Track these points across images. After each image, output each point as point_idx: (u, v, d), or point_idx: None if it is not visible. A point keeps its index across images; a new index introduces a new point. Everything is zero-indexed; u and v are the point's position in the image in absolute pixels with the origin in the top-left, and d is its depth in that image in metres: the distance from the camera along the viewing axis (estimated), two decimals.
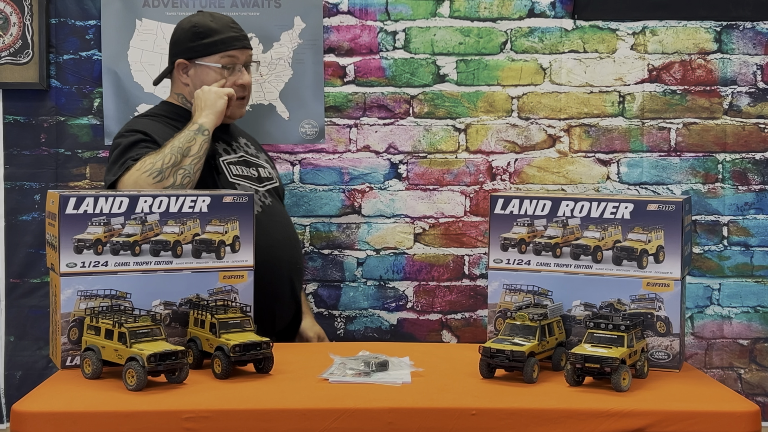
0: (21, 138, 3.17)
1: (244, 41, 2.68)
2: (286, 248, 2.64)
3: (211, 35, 2.65)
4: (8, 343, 3.17)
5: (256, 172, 2.70)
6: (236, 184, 2.60)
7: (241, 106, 2.68)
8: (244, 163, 2.69)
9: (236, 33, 2.67)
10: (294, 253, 2.70)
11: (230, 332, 2.02)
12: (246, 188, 2.61)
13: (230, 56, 2.65)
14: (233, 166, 2.64)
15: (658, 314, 2.08)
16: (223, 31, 2.66)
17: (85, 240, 2.07)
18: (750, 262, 3.21)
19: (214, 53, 2.65)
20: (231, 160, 2.64)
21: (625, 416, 1.77)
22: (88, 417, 1.75)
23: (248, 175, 2.66)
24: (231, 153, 2.67)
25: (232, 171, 2.63)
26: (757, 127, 3.20)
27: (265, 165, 2.77)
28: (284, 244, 2.63)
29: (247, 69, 2.69)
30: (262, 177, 2.71)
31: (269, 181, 2.74)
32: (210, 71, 2.65)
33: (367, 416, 1.77)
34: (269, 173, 2.76)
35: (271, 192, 2.72)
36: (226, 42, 2.65)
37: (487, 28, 3.20)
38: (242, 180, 2.63)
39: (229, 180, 2.60)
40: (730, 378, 3.19)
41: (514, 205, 2.21)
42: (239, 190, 2.57)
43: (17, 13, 3.13)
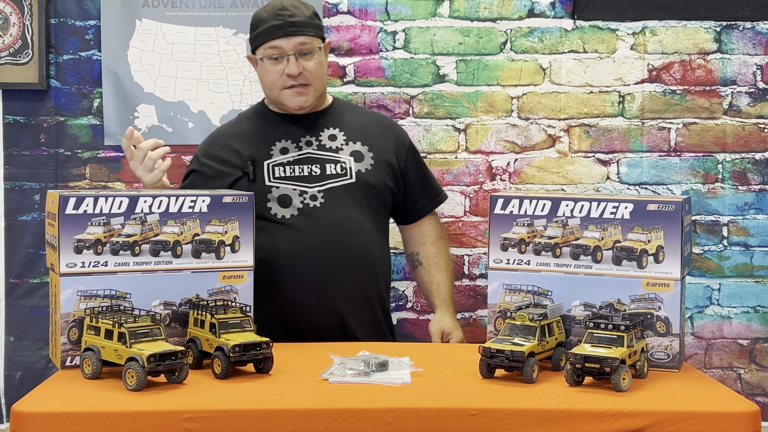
0: (21, 138, 3.17)
1: (290, 29, 2.48)
2: (318, 254, 2.48)
3: (258, 26, 2.53)
4: (8, 343, 3.17)
5: (318, 169, 2.54)
6: (273, 187, 2.52)
7: (297, 95, 2.53)
8: (303, 161, 2.55)
9: (281, 21, 2.48)
10: (332, 257, 2.49)
11: (230, 332, 2.02)
12: (286, 189, 2.51)
13: (273, 47, 2.50)
14: (280, 167, 2.54)
15: (657, 314, 2.08)
16: (268, 20, 2.50)
17: (85, 240, 2.07)
18: (750, 262, 3.21)
19: (260, 45, 2.52)
20: (281, 161, 2.54)
21: (625, 416, 1.77)
22: (88, 417, 1.75)
23: (297, 176, 2.53)
24: (291, 151, 2.55)
25: (274, 173, 2.53)
26: (756, 127, 3.20)
27: (344, 159, 2.56)
28: (318, 250, 2.48)
29: (302, 56, 2.50)
30: (326, 174, 2.54)
31: (336, 178, 2.54)
32: (263, 64, 2.54)
33: (367, 416, 1.77)
34: (344, 168, 2.55)
35: (337, 190, 2.54)
36: (267, 32, 2.50)
37: (487, 28, 3.21)
38: (283, 182, 2.53)
39: (266, 183, 2.52)
40: (729, 378, 3.19)
41: (514, 205, 2.21)
42: (277, 192, 2.51)
43: (17, 13, 3.13)
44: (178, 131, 3.18)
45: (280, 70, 2.51)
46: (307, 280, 2.48)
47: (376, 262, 2.57)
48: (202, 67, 3.19)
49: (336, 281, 2.49)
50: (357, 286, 2.52)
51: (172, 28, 3.17)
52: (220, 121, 3.18)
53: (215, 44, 3.18)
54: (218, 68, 3.19)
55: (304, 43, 2.50)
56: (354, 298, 2.52)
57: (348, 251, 2.50)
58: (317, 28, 2.55)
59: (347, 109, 2.70)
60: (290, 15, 2.50)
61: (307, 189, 2.52)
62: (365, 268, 2.54)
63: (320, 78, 2.56)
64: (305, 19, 2.51)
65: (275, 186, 2.53)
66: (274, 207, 2.51)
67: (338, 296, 2.50)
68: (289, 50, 2.49)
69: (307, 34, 2.51)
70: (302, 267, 2.48)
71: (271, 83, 2.54)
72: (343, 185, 2.55)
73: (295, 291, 2.49)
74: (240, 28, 3.18)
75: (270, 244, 2.47)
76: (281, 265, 2.48)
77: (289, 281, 2.48)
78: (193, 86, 3.19)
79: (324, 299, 2.49)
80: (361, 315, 2.54)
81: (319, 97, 2.59)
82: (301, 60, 2.51)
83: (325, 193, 2.53)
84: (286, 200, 2.52)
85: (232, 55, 3.19)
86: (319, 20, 2.58)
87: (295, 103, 2.55)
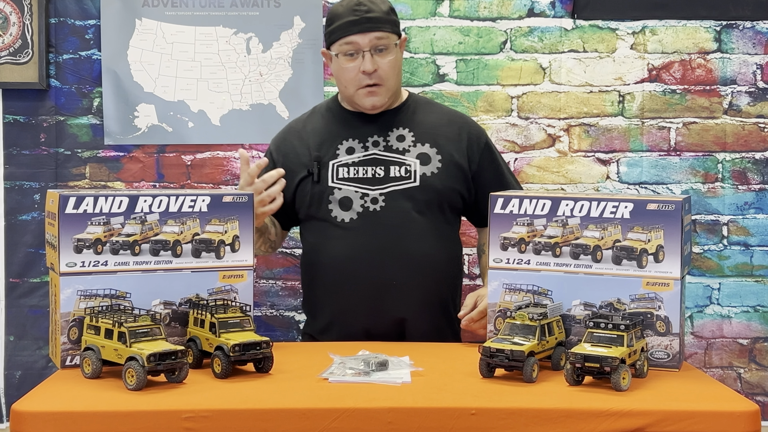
0: (21, 138, 3.17)
1: (366, 24, 2.44)
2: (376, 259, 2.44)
3: (334, 21, 2.48)
4: (8, 342, 3.17)
5: (382, 171, 2.50)
6: (335, 188, 2.50)
7: (370, 95, 2.49)
8: (368, 162, 2.51)
9: (357, 16, 2.44)
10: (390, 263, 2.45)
11: (230, 332, 2.02)
12: (348, 191, 2.49)
13: (349, 43, 2.45)
14: (344, 168, 2.51)
15: (657, 314, 2.08)
16: (344, 15, 2.46)
17: (85, 239, 2.07)
18: (750, 262, 3.21)
19: (335, 41, 2.48)
20: (346, 161, 2.51)
21: (625, 416, 1.77)
22: (88, 417, 1.75)
23: (360, 177, 2.50)
24: (357, 151, 2.52)
25: (338, 173, 2.52)
26: (756, 126, 3.20)
27: (409, 161, 2.51)
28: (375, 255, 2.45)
29: (378, 53, 2.46)
30: (389, 177, 2.50)
31: (399, 181, 2.50)
32: (338, 60, 2.49)
33: (367, 416, 1.77)
34: (409, 171, 2.50)
35: (399, 193, 2.50)
36: (343, 28, 2.45)
37: (487, 28, 3.20)
38: (346, 183, 2.50)
39: (328, 184, 2.51)
40: (729, 377, 3.19)
41: (514, 204, 2.21)
42: (339, 193, 2.50)
43: (17, 12, 3.13)
44: (177, 131, 3.18)
45: (356, 66, 2.47)
46: (364, 286, 2.45)
47: (436, 268, 2.50)
48: (202, 67, 3.19)
49: (393, 288, 2.45)
50: (416, 293, 2.47)
51: (172, 28, 3.17)
52: (220, 120, 3.18)
53: (215, 44, 3.18)
54: (218, 68, 3.19)
55: (381, 39, 2.46)
56: (413, 305, 2.48)
57: (406, 257, 2.46)
58: (394, 24, 2.51)
59: (421, 107, 2.63)
60: (367, 10, 2.45)
61: (369, 191, 2.50)
62: (425, 274, 2.48)
63: (394, 77, 2.52)
64: (382, 14, 2.47)
65: (338, 187, 2.50)
66: (335, 209, 2.50)
67: (396, 303, 2.46)
68: (364, 46, 2.45)
69: (383, 29, 2.46)
70: (359, 272, 2.46)
71: (347, 81, 2.50)
72: (406, 188, 2.50)
73: (351, 297, 2.47)
74: (240, 27, 3.18)
75: (329, 248, 2.49)
76: (339, 270, 2.47)
77: (345, 287, 2.47)
78: (193, 86, 3.19)
79: (381, 306, 2.46)
80: (420, 323, 2.49)
81: (392, 96, 2.55)
82: (377, 57, 2.46)
83: (387, 197, 2.49)
84: (347, 203, 2.50)
85: (232, 55, 3.19)
86: (395, 16, 2.54)
87: (369, 103, 2.51)
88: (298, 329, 3.20)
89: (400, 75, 2.58)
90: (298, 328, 3.20)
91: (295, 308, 3.19)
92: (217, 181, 3.19)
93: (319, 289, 2.55)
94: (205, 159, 3.18)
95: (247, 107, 3.20)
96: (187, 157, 3.20)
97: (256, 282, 3.19)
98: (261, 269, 3.20)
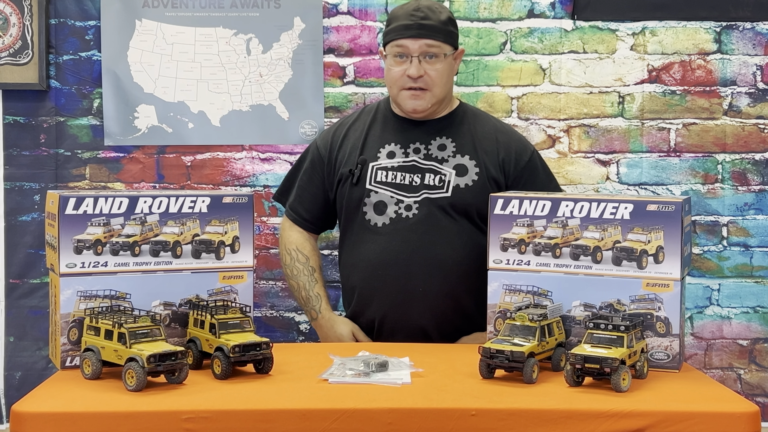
0: (21, 138, 3.17)
1: (418, 30, 2.47)
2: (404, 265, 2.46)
3: (391, 23, 2.53)
4: (8, 343, 3.17)
5: (418, 179, 2.51)
6: (372, 190, 2.52)
7: (413, 98, 2.51)
8: (407, 168, 2.53)
9: (411, 21, 2.47)
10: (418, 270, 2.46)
11: (230, 333, 2.02)
12: (383, 195, 2.51)
13: (399, 46, 2.49)
14: (383, 172, 2.53)
15: (657, 315, 2.08)
16: (400, 19, 2.50)
17: (85, 240, 2.07)
18: (749, 263, 3.21)
19: (388, 42, 2.52)
20: (385, 165, 2.53)
21: (625, 417, 1.77)
22: (88, 417, 1.75)
23: (397, 183, 2.51)
24: (397, 156, 2.54)
25: (376, 176, 2.53)
26: (756, 127, 3.20)
27: (446, 171, 2.52)
28: (404, 261, 2.47)
29: (427, 60, 2.49)
30: (424, 185, 2.51)
31: (432, 189, 2.51)
32: (388, 61, 2.54)
33: (367, 417, 1.77)
34: (443, 181, 2.51)
35: (431, 202, 2.50)
36: (397, 30, 2.49)
37: (487, 29, 3.20)
38: (383, 187, 2.52)
39: (366, 186, 2.53)
40: (729, 378, 3.19)
41: (514, 205, 2.21)
42: (375, 197, 2.52)
43: (17, 13, 3.13)
44: (177, 131, 3.18)
45: (403, 69, 2.50)
46: (393, 292, 2.48)
47: (466, 278, 2.49)
48: (202, 68, 3.19)
49: (422, 296, 2.47)
50: (444, 302, 2.49)
51: (172, 29, 3.17)
52: (220, 121, 3.18)
53: (215, 45, 3.18)
54: (218, 68, 3.19)
55: (431, 46, 2.49)
56: (440, 314, 2.49)
57: (435, 265, 2.47)
58: (448, 35, 2.53)
59: (469, 118, 2.64)
60: (423, 17, 2.48)
61: (404, 198, 2.51)
62: (453, 283, 2.48)
63: (442, 85, 2.52)
64: (437, 23, 2.50)
65: (374, 190, 2.53)
66: (369, 213, 2.53)
67: (423, 311, 2.48)
68: (414, 51, 2.48)
69: (435, 38, 2.49)
70: (389, 278, 2.48)
71: (392, 81, 2.53)
72: (438, 198, 2.51)
73: (380, 302, 2.50)
74: (240, 28, 3.18)
75: (360, 251, 2.52)
76: (368, 274, 2.50)
77: (375, 292, 2.50)
78: (193, 86, 3.19)
79: (407, 313, 2.48)
80: (447, 332, 2.50)
81: (437, 104, 2.56)
82: (425, 63, 2.49)
83: (421, 204, 2.51)
84: (382, 207, 2.52)
85: (232, 56, 3.19)
86: (454, 27, 2.57)
87: (410, 106, 2.53)
88: (298, 330, 3.21)
89: (450, 84, 2.59)
90: (298, 328, 3.20)
91: (295, 309, 3.19)
92: (217, 182, 3.19)
93: (351, 291, 2.60)
94: (205, 160, 3.18)
95: (247, 108, 3.20)
96: (187, 158, 3.20)
97: (256, 283, 3.19)
98: (261, 270, 3.20)
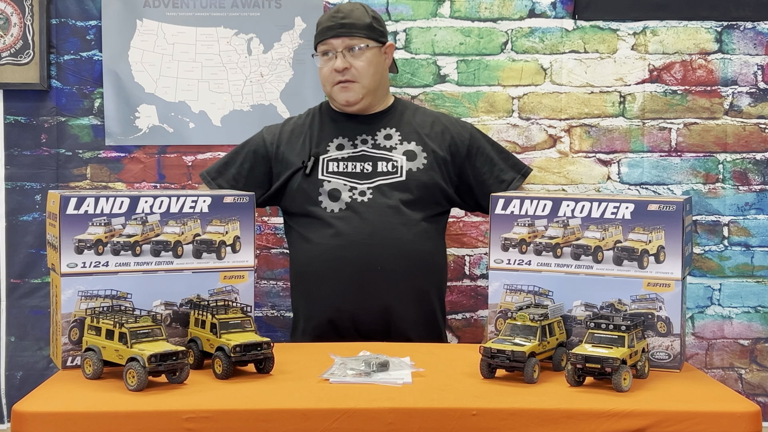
0: (22, 138, 3.17)
1: (339, 29, 2.62)
2: (362, 247, 2.54)
3: (317, 27, 2.68)
4: (9, 343, 3.17)
5: (370, 167, 2.62)
6: (325, 180, 2.61)
7: (343, 90, 2.63)
8: (357, 158, 2.64)
9: (333, 22, 2.63)
10: (376, 251, 2.54)
11: (231, 332, 2.02)
12: (336, 184, 2.60)
13: (324, 44, 2.64)
14: (334, 162, 2.63)
15: (658, 314, 2.08)
16: (323, 22, 2.66)
17: (86, 240, 2.07)
18: (750, 263, 3.20)
19: (316, 45, 2.68)
20: (336, 156, 2.64)
21: (626, 416, 1.77)
22: (89, 417, 1.75)
23: (349, 171, 2.62)
24: (346, 148, 2.65)
25: (328, 167, 2.63)
26: (757, 127, 3.20)
27: (396, 157, 2.63)
28: (362, 243, 2.54)
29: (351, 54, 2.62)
30: (377, 172, 2.61)
31: (387, 175, 2.61)
32: (318, 62, 2.68)
33: (368, 416, 1.77)
34: (396, 166, 2.62)
35: (386, 187, 2.60)
36: (321, 32, 2.65)
37: (488, 29, 3.20)
38: (335, 176, 2.61)
39: (318, 177, 2.62)
40: (730, 378, 3.19)
41: (515, 205, 2.21)
42: (328, 185, 2.60)
43: (18, 13, 3.13)
44: (178, 131, 3.18)
45: (331, 66, 2.63)
46: (352, 273, 2.54)
47: (423, 257, 2.60)
48: (203, 68, 3.19)
49: (380, 274, 2.54)
50: (402, 280, 2.56)
51: (173, 29, 3.17)
52: (221, 121, 3.19)
53: (216, 44, 3.18)
54: (219, 68, 3.19)
55: (353, 43, 2.62)
56: (399, 292, 2.56)
57: (393, 245, 2.56)
58: (370, 30, 2.65)
59: (408, 110, 2.77)
60: (343, 17, 2.64)
61: (357, 185, 2.60)
62: (412, 262, 2.57)
63: (369, 76, 2.64)
64: (356, 21, 2.64)
65: (327, 180, 2.62)
66: (324, 200, 2.61)
67: (382, 290, 2.55)
68: (338, 47, 2.62)
69: (355, 35, 2.62)
70: (347, 260, 2.54)
71: (324, 79, 2.67)
72: (393, 182, 2.61)
73: (339, 284, 2.55)
74: (241, 28, 3.18)
75: (317, 237, 2.58)
76: (327, 258, 2.56)
77: (334, 274, 2.55)
78: (193, 86, 3.19)
79: (368, 292, 2.55)
80: (407, 309, 2.58)
81: (369, 95, 2.67)
82: (350, 57, 2.63)
83: (374, 190, 2.60)
84: (336, 194, 2.60)
85: (233, 56, 3.19)
86: (377, 24, 2.69)
87: (342, 98, 2.65)
88: None
89: (381, 77, 2.70)
90: None
91: None
92: None
93: (309, 278, 2.62)
94: (206, 160, 3.18)
95: (248, 108, 3.20)
96: (188, 157, 3.20)
97: (257, 283, 3.19)
98: (262, 270, 3.20)
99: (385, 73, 2.73)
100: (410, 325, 2.58)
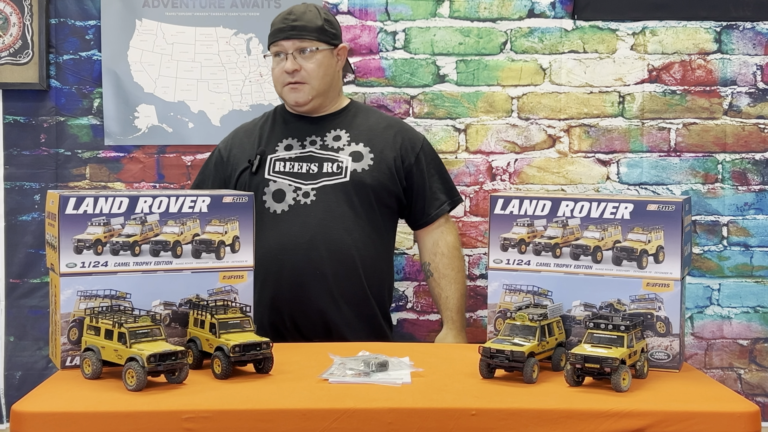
0: (21, 138, 3.17)
1: (290, 32, 2.62)
2: (302, 249, 2.55)
3: (272, 27, 2.69)
4: (8, 343, 3.17)
5: (316, 167, 2.61)
6: (271, 180, 2.61)
7: (293, 91, 2.64)
8: (304, 159, 2.63)
9: (284, 24, 2.63)
10: (315, 254, 2.55)
11: (230, 332, 2.02)
12: (282, 184, 2.60)
13: (276, 45, 2.65)
14: (281, 162, 2.64)
15: (657, 314, 2.08)
16: (276, 24, 2.67)
17: (85, 240, 2.07)
18: (750, 263, 3.21)
19: (269, 46, 2.69)
20: (283, 156, 2.64)
21: (625, 416, 1.77)
22: (88, 417, 1.75)
23: (294, 172, 2.62)
24: (295, 149, 2.65)
25: (274, 167, 2.63)
26: (756, 127, 3.20)
27: (342, 158, 2.62)
28: (302, 245, 2.55)
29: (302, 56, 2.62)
30: (322, 173, 2.61)
31: (331, 176, 2.60)
32: (271, 63, 2.69)
33: (367, 416, 1.77)
34: (340, 167, 2.61)
35: (330, 188, 2.60)
36: (273, 34, 2.66)
37: (487, 29, 3.21)
38: (281, 176, 2.61)
39: (264, 177, 2.62)
40: (729, 378, 3.19)
41: (514, 205, 2.21)
42: (274, 186, 2.60)
43: (17, 13, 3.13)
44: (178, 131, 3.18)
45: (282, 67, 2.64)
46: (291, 275, 2.55)
47: (362, 261, 2.59)
48: (202, 67, 3.19)
49: (318, 278, 2.55)
50: (340, 283, 2.57)
51: (173, 28, 3.17)
52: (221, 121, 3.19)
53: (215, 44, 3.18)
54: (218, 68, 3.19)
55: (304, 45, 2.62)
56: (336, 295, 2.57)
57: (332, 248, 2.56)
58: (321, 32, 2.64)
59: (361, 113, 2.76)
60: (294, 19, 2.63)
61: (301, 186, 2.60)
62: (350, 266, 2.58)
63: (319, 78, 2.64)
64: (308, 24, 2.63)
65: (273, 180, 2.62)
66: (269, 201, 2.61)
67: (320, 293, 2.55)
68: (288, 49, 2.62)
69: (306, 37, 2.62)
70: (286, 262, 2.56)
71: (275, 80, 2.67)
72: (337, 184, 2.60)
73: (279, 286, 2.56)
74: (240, 28, 3.18)
75: (261, 239, 2.51)
76: (268, 260, 2.55)
77: (274, 276, 2.56)
78: (193, 86, 3.19)
79: (305, 295, 2.56)
80: (344, 313, 2.58)
81: (319, 97, 2.66)
82: (300, 59, 2.63)
83: (318, 191, 2.60)
84: (280, 195, 2.61)
85: (232, 55, 3.19)
86: (329, 27, 2.67)
87: (292, 99, 2.66)
88: None
89: (332, 79, 2.69)
90: None
91: None
92: None
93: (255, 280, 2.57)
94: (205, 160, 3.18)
95: (248, 108, 3.20)
96: (187, 157, 3.20)
97: None
98: None
99: (337, 75, 2.72)
100: (347, 329, 2.57)
